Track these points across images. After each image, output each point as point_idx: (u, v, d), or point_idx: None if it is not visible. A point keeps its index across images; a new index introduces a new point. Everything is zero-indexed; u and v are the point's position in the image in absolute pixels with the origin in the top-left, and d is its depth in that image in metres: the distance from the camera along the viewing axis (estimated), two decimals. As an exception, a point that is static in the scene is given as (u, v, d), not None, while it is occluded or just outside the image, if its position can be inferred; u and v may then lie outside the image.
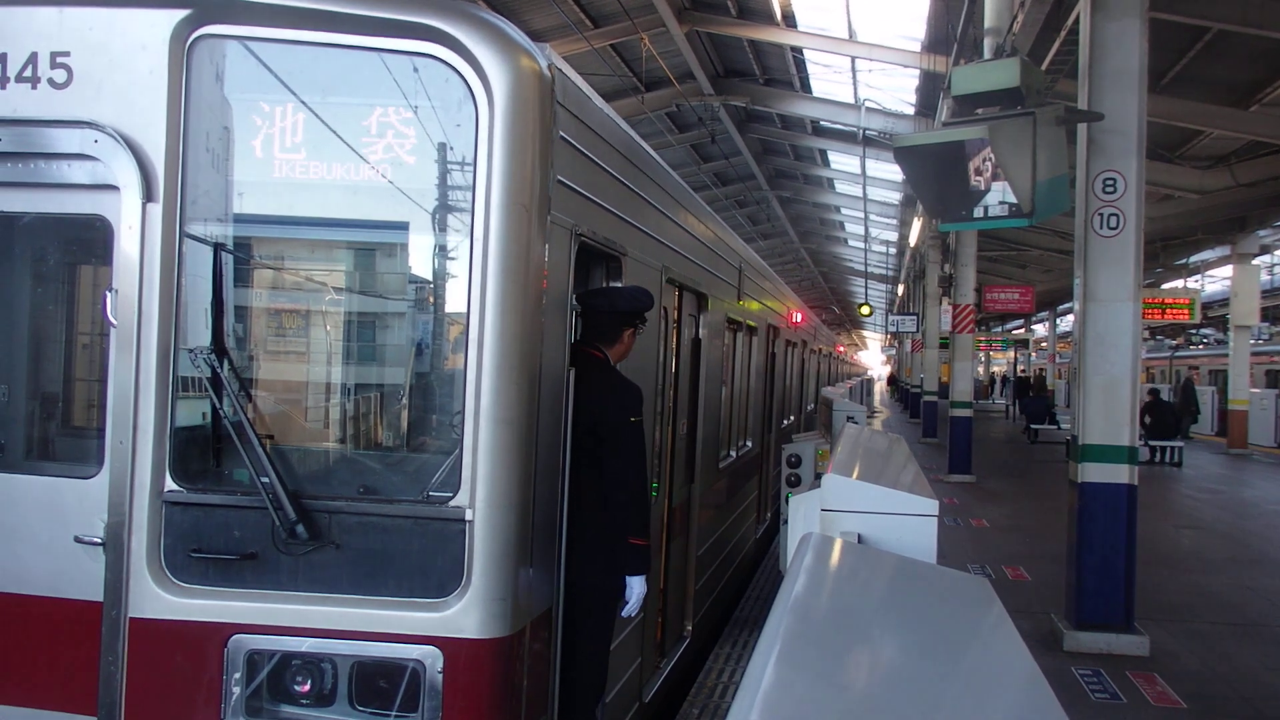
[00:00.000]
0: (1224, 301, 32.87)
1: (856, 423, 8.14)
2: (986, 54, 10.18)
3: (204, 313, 3.38)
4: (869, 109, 22.01)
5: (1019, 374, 47.37)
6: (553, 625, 3.74)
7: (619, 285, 4.49)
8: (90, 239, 3.56)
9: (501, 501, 3.25)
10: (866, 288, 56.91)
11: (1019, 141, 8.07)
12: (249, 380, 3.48)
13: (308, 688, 3.27)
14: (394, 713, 3.21)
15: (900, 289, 47.38)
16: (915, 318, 36.44)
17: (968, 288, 22.05)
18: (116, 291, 3.35)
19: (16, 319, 3.68)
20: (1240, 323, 27.13)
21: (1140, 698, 7.09)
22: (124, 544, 3.31)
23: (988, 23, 10.49)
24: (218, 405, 3.33)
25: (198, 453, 3.43)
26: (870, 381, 45.67)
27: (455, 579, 3.22)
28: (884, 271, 49.68)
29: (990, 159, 8.37)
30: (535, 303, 3.38)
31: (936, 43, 16.92)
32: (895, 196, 31.02)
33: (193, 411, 3.44)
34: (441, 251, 3.41)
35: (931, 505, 3.39)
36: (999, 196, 8.53)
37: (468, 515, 3.22)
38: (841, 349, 39.25)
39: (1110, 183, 8.27)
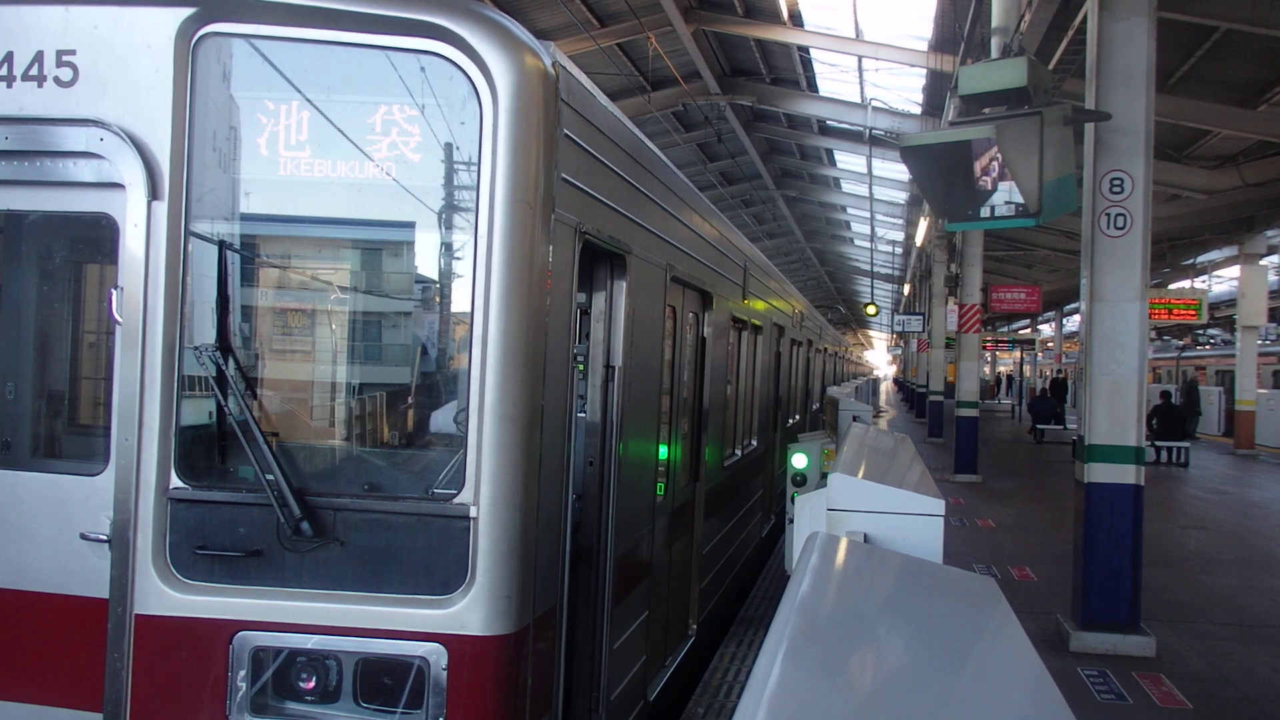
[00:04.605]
0: (1231, 302, 32.77)
1: (862, 422, 8.13)
2: (993, 53, 10.15)
3: (209, 311, 3.38)
4: (875, 108, 21.99)
5: (1057, 375, 43.63)
6: (556, 622, 3.74)
7: None
8: (96, 237, 3.57)
9: (506, 499, 3.25)
10: (873, 287, 56.89)
11: (1026, 141, 8.05)
12: (254, 378, 3.48)
13: (312, 685, 3.27)
14: (399, 710, 3.21)
15: (906, 289, 47.33)
16: (921, 317, 36.41)
17: (974, 287, 22.03)
18: (122, 289, 3.35)
19: (23, 317, 3.69)
20: (1247, 323, 27.07)
21: (1146, 698, 7.07)
22: (129, 541, 3.32)
23: (995, 22, 10.45)
24: (223, 403, 3.33)
25: (203, 450, 3.44)
26: (876, 381, 45.54)
27: (460, 576, 3.22)
28: (890, 271, 49.64)
29: (997, 159, 8.35)
30: (540, 301, 3.38)
31: (943, 42, 16.90)
32: (901, 196, 30.99)
33: (198, 409, 3.44)
34: (446, 249, 3.41)
35: (937, 505, 3.38)
36: (1005, 196, 8.50)
37: (472, 512, 3.22)
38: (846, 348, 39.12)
39: (1117, 183, 8.24)
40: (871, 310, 47.93)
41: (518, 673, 3.32)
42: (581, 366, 4.28)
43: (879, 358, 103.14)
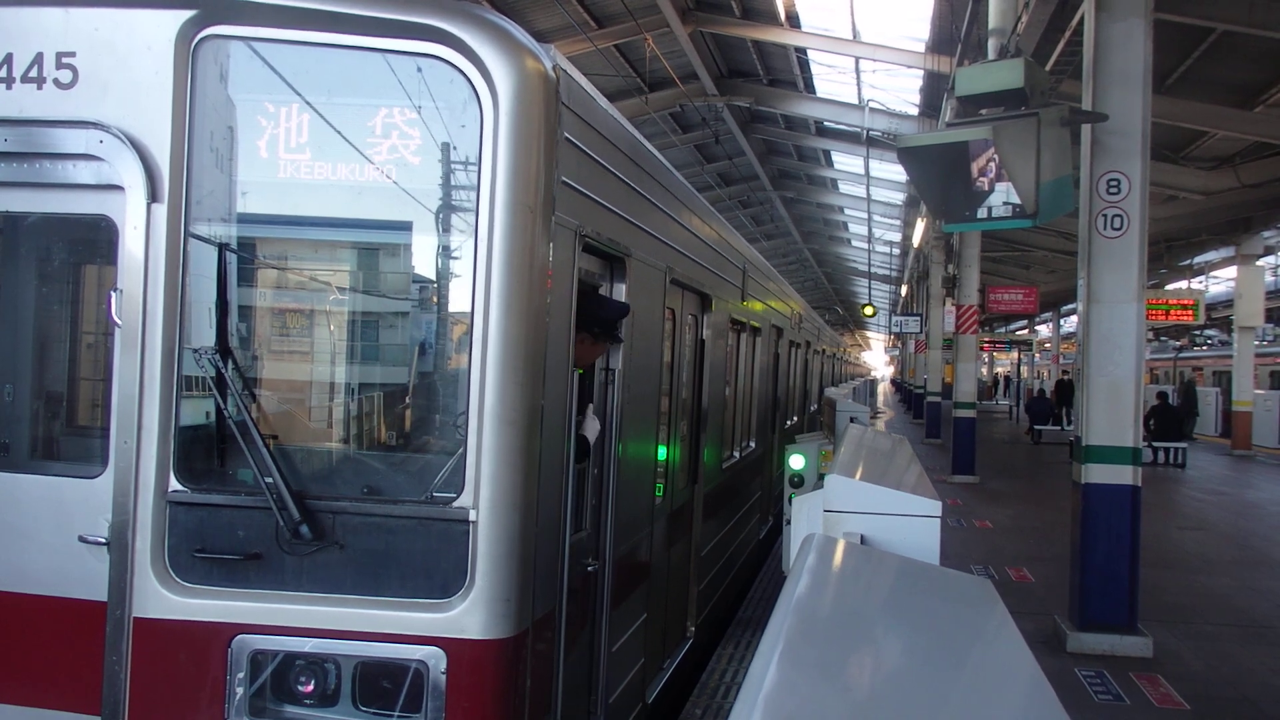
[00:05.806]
0: (1228, 303, 32.80)
1: (860, 423, 8.13)
2: (991, 54, 10.17)
3: (208, 312, 3.38)
4: (873, 109, 22.01)
5: (1063, 377, 42.46)
6: (556, 626, 3.75)
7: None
8: (95, 239, 3.57)
9: (505, 502, 3.25)
10: (870, 288, 56.92)
11: (1023, 142, 8.06)
12: (253, 380, 3.48)
13: (311, 688, 3.27)
14: (397, 713, 3.21)
15: (904, 290, 47.34)
16: (919, 318, 36.42)
17: (971, 288, 22.05)
18: (121, 291, 3.35)
19: (22, 319, 3.69)
20: (1244, 324, 27.11)
21: (1143, 699, 7.08)
22: (128, 544, 3.32)
23: (992, 23, 10.47)
24: (222, 405, 3.33)
25: (202, 452, 3.43)
26: (874, 382, 45.51)
27: (459, 580, 3.23)
28: (887, 272, 49.65)
29: (994, 160, 8.36)
30: (539, 303, 3.38)
31: (940, 43, 16.91)
32: (899, 197, 30.99)
33: (197, 411, 3.44)
34: (446, 252, 3.42)
35: (934, 506, 3.38)
36: (1003, 197, 8.51)
37: (471, 516, 3.23)
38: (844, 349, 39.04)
39: (1114, 184, 8.26)
40: (869, 311, 47.97)
41: (517, 676, 3.32)
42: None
43: (877, 359, 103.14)
